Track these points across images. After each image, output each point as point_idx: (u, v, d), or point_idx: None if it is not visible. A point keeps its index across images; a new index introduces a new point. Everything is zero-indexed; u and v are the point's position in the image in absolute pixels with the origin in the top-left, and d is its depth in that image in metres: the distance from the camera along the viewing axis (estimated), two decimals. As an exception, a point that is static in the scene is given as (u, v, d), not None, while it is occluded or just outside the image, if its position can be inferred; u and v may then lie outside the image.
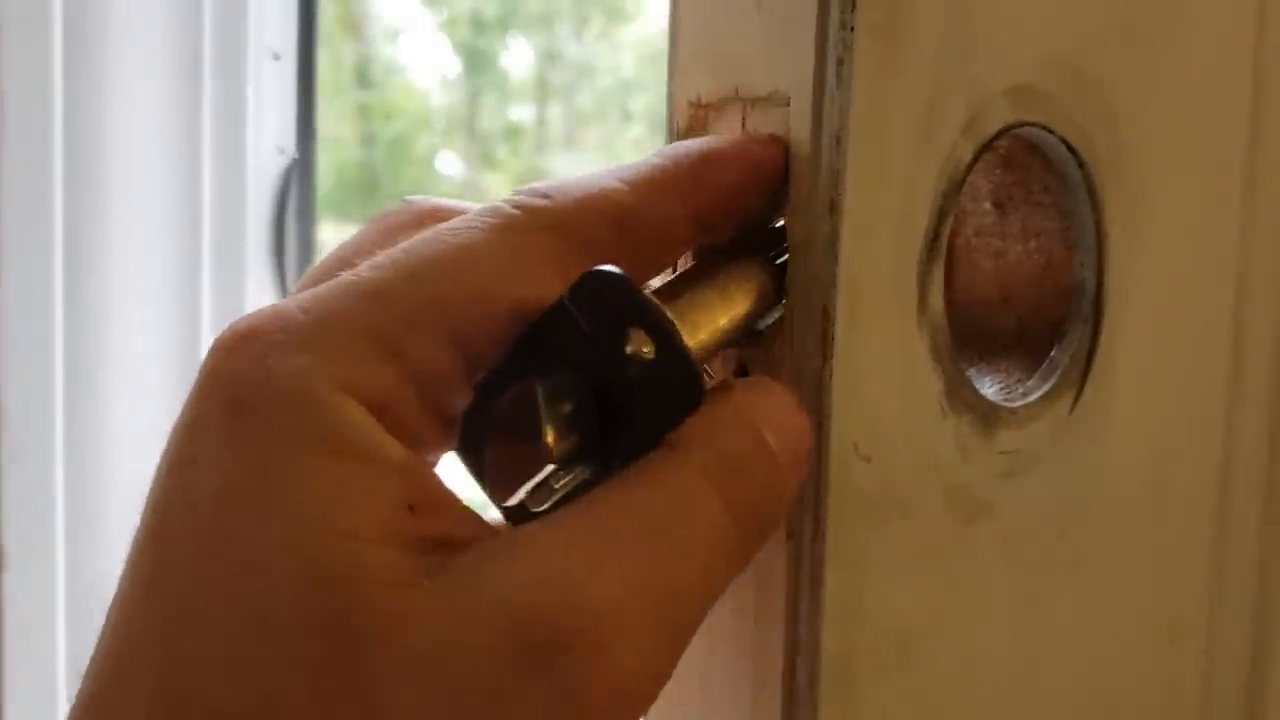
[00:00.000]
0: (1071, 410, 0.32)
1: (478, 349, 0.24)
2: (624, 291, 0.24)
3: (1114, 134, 0.32)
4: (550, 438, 0.24)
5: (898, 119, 0.27)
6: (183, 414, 0.24)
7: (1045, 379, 0.32)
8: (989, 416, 0.30)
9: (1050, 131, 0.30)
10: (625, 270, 0.24)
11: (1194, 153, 0.34)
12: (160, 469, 0.24)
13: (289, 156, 1.07)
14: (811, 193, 0.26)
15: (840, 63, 0.26)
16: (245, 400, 0.23)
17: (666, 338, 0.24)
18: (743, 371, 0.29)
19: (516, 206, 0.25)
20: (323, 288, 0.24)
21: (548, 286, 0.24)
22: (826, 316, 0.27)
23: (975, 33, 0.28)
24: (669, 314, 0.24)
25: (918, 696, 0.29)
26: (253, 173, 1.02)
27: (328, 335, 0.23)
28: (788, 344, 0.27)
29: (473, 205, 0.26)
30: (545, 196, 0.25)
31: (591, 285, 0.24)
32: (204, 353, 0.24)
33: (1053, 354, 0.32)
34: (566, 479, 0.24)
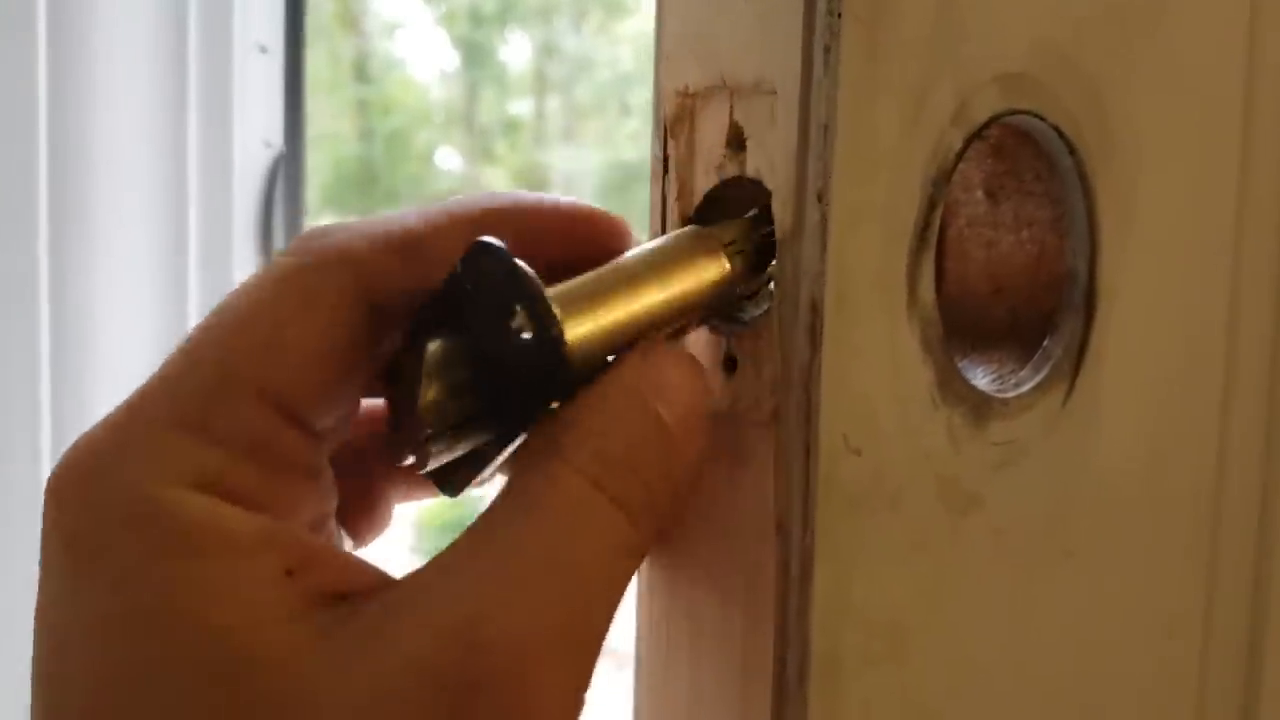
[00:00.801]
0: (1064, 401, 0.32)
1: (290, 395, 0.24)
2: (507, 269, 0.24)
3: (1105, 121, 0.31)
4: (423, 400, 0.24)
5: (886, 107, 0.27)
6: (40, 574, 0.24)
7: (1037, 370, 0.32)
8: (981, 408, 0.30)
9: (1041, 119, 0.30)
10: (402, 282, 0.25)
11: (1187, 140, 0.34)
12: (36, 630, 0.24)
13: (276, 151, 1.07)
14: (799, 183, 0.26)
15: (827, 50, 0.26)
16: (79, 535, 0.23)
17: (540, 320, 0.24)
18: (731, 362, 0.29)
19: (293, 253, 0.25)
20: (129, 399, 0.24)
21: (335, 320, 0.24)
22: (815, 308, 0.26)
23: (964, 19, 0.28)
24: (548, 297, 0.24)
25: (909, 690, 0.29)
26: (239, 167, 1.01)
27: (138, 440, 0.23)
28: (776, 335, 0.27)
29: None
30: (322, 235, 0.25)
31: (479, 257, 0.24)
32: None
33: (1045, 344, 0.32)
34: (454, 443, 0.24)
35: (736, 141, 0.28)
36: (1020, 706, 0.32)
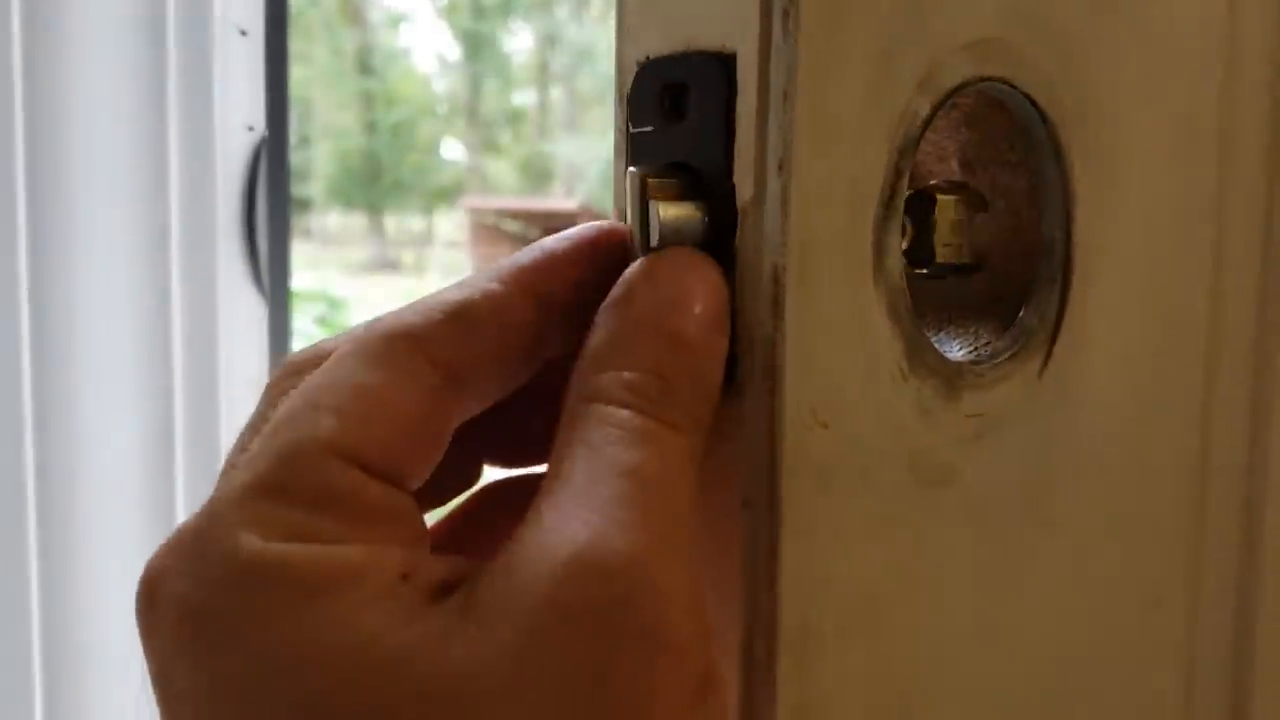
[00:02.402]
0: (1041, 372, 0.31)
1: (358, 450, 0.25)
2: None
3: (1080, 88, 0.31)
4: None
5: (848, 74, 0.26)
6: (146, 652, 0.25)
7: (1013, 341, 0.31)
8: (953, 379, 0.29)
9: (1013, 86, 0.30)
10: (475, 359, 0.27)
11: (1168, 105, 0.33)
12: (161, 709, 0.25)
13: (259, 134, 1.06)
14: (760, 152, 0.26)
15: (786, 15, 0.25)
16: (193, 609, 0.24)
17: None
18: None
19: (352, 338, 0.27)
20: (216, 485, 0.25)
21: (399, 380, 0.26)
22: (777, 279, 0.26)
23: (929, -16, 0.27)
24: None
25: (884, 666, 0.29)
26: (221, 150, 1.01)
27: (227, 511, 0.24)
28: (738, 307, 0.27)
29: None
30: (378, 321, 0.27)
31: None
32: (174, 332, 0.25)
33: (1021, 315, 0.31)
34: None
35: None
36: (1001, 680, 0.32)
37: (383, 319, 0.27)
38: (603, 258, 0.28)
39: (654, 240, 0.27)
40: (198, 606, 0.23)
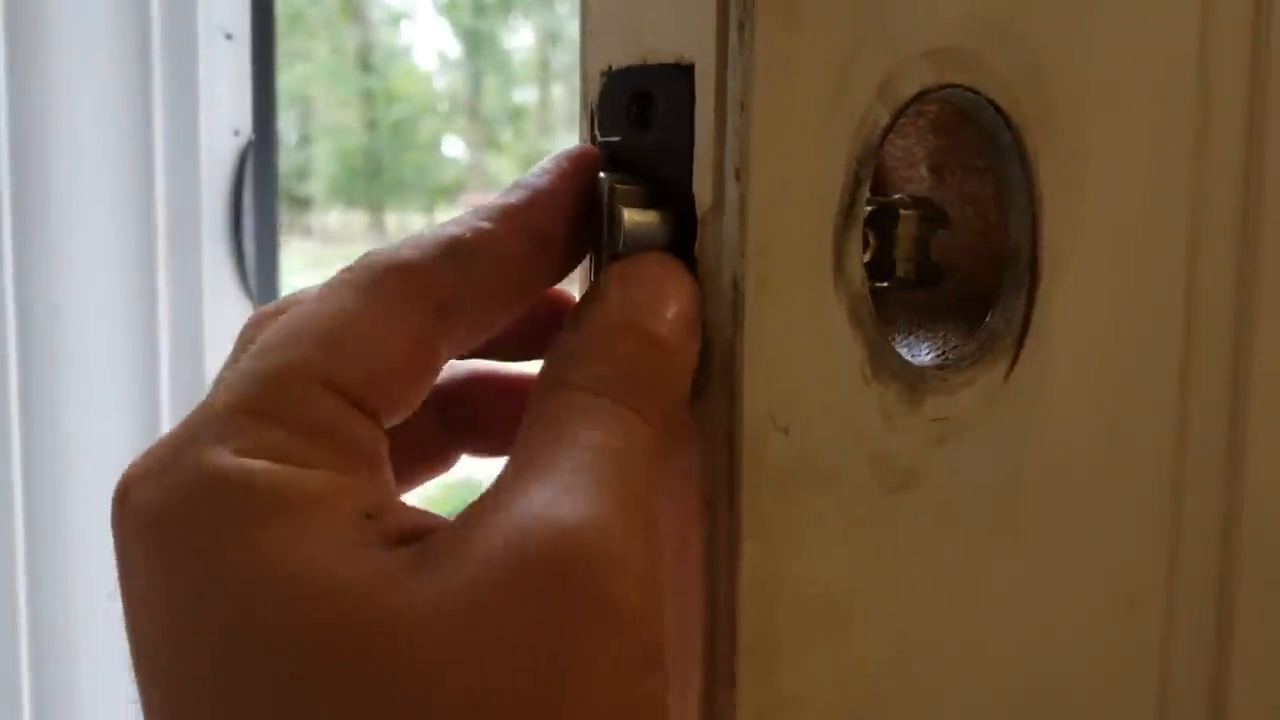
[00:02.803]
0: (1007, 376, 0.31)
1: (353, 384, 0.25)
2: None
3: (1045, 94, 0.31)
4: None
5: (806, 83, 0.26)
6: (117, 560, 0.25)
7: (978, 345, 0.31)
8: (917, 384, 0.30)
9: (976, 93, 0.30)
10: (469, 297, 0.27)
11: (1137, 111, 0.34)
12: (127, 629, 0.25)
13: (245, 138, 1.07)
14: (718, 159, 0.26)
15: (742, 26, 0.25)
16: (158, 517, 0.24)
17: None
18: None
19: (350, 269, 0.26)
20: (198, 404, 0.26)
21: (395, 319, 0.26)
22: (736, 285, 0.26)
23: (887, -6, 0.27)
24: None
25: (848, 670, 0.29)
26: (206, 155, 1.01)
27: (204, 425, 0.24)
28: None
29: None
30: (374, 253, 0.27)
31: None
32: (161, 335, 0.25)
33: (987, 320, 0.32)
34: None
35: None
36: (968, 683, 0.32)
37: (375, 253, 0.26)
38: (582, 183, 0.28)
39: (619, 245, 0.27)
40: (160, 513, 0.24)
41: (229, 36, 1.05)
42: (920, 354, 0.32)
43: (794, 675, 0.28)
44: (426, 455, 0.33)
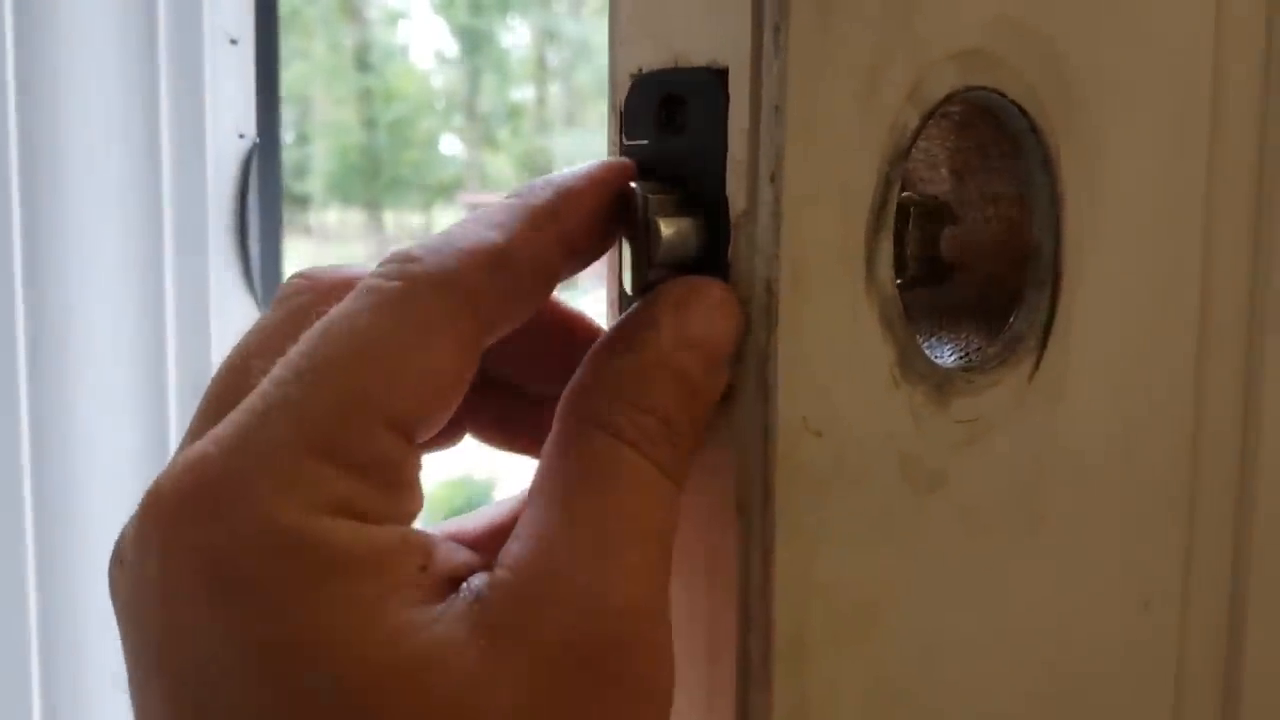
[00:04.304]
0: (1031, 377, 0.32)
1: (412, 419, 0.25)
2: None
3: (1068, 95, 0.31)
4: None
5: (838, 87, 0.26)
6: (154, 588, 0.24)
7: (1003, 346, 0.31)
8: (944, 385, 0.30)
9: (1001, 95, 0.30)
10: (508, 307, 0.26)
11: (1156, 111, 0.34)
12: (146, 650, 0.24)
13: (250, 141, 1.07)
14: (752, 164, 0.26)
15: (777, 30, 0.26)
16: (221, 564, 0.23)
17: None
18: None
19: (393, 277, 0.25)
20: (239, 420, 0.24)
21: (448, 345, 0.25)
22: (770, 289, 0.26)
23: (917, -2, 0.28)
24: None
25: (878, 670, 0.29)
26: (212, 158, 1.01)
27: (270, 465, 0.23)
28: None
29: (363, 270, 0.27)
30: (416, 260, 0.26)
31: None
32: (168, 337, 0.24)
33: (1011, 320, 0.32)
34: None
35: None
36: (994, 682, 0.32)
37: (414, 260, 0.26)
38: (613, 193, 0.28)
39: (657, 256, 0.27)
40: (226, 562, 0.23)
41: (233, 41, 1.05)
42: (943, 355, 0.32)
43: (825, 676, 0.28)
44: (439, 431, 0.33)
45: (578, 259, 0.28)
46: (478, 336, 0.26)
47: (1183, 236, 0.35)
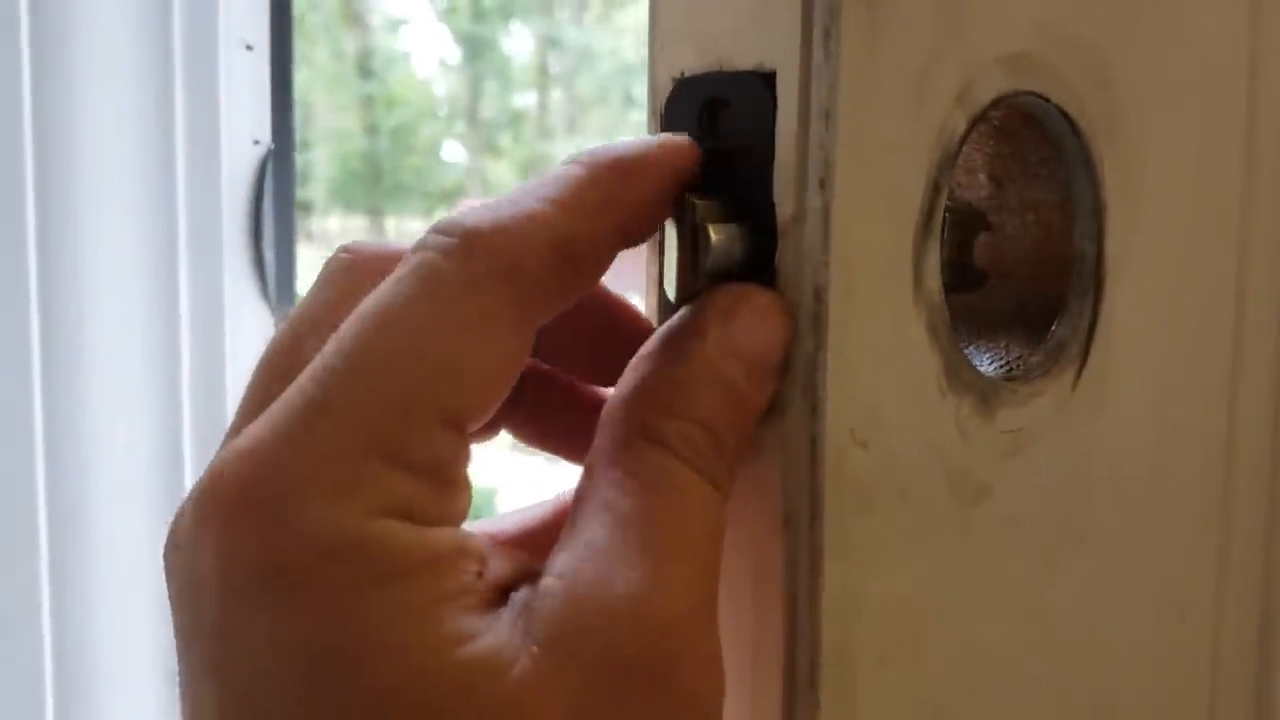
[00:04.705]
0: (1074, 386, 0.31)
1: (468, 417, 0.24)
2: None
3: (1110, 101, 0.31)
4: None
5: (888, 91, 0.26)
6: (210, 579, 0.23)
7: (1046, 354, 0.31)
8: (989, 396, 0.29)
9: (1045, 100, 0.30)
10: (565, 295, 0.26)
11: (1194, 117, 0.33)
12: (200, 639, 0.24)
13: (265, 148, 1.07)
14: (801, 169, 0.26)
15: (827, 34, 0.25)
16: (281, 565, 0.23)
17: None
18: None
19: (454, 257, 0.24)
20: (295, 410, 0.24)
21: (505, 335, 0.25)
22: (819, 297, 0.26)
23: (966, 0, 0.27)
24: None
25: (923, 683, 0.29)
26: (227, 165, 1.01)
27: (327, 465, 0.23)
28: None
29: (405, 246, 0.26)
30: (477, 235, 0.24)
31: None
32: (182, 343, 0.24)
33: (1054, 328, 0.31)
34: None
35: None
36: (1034, 696, 0.31)
37: (485, 233, 0.25)
38: (674, 180, 0.27)
39: (707, 265, 0.26)
40: (286, 564, 0.23)
41: (249, 48, 1.04)
42: (983, 364, 0.32)
43: (872, 690, 0.28)
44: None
45: (632, 244, 0.28)
46: (534, 323, 0.25)
47: (1219, 243, 0.35)
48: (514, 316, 0.25)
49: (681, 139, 0.27)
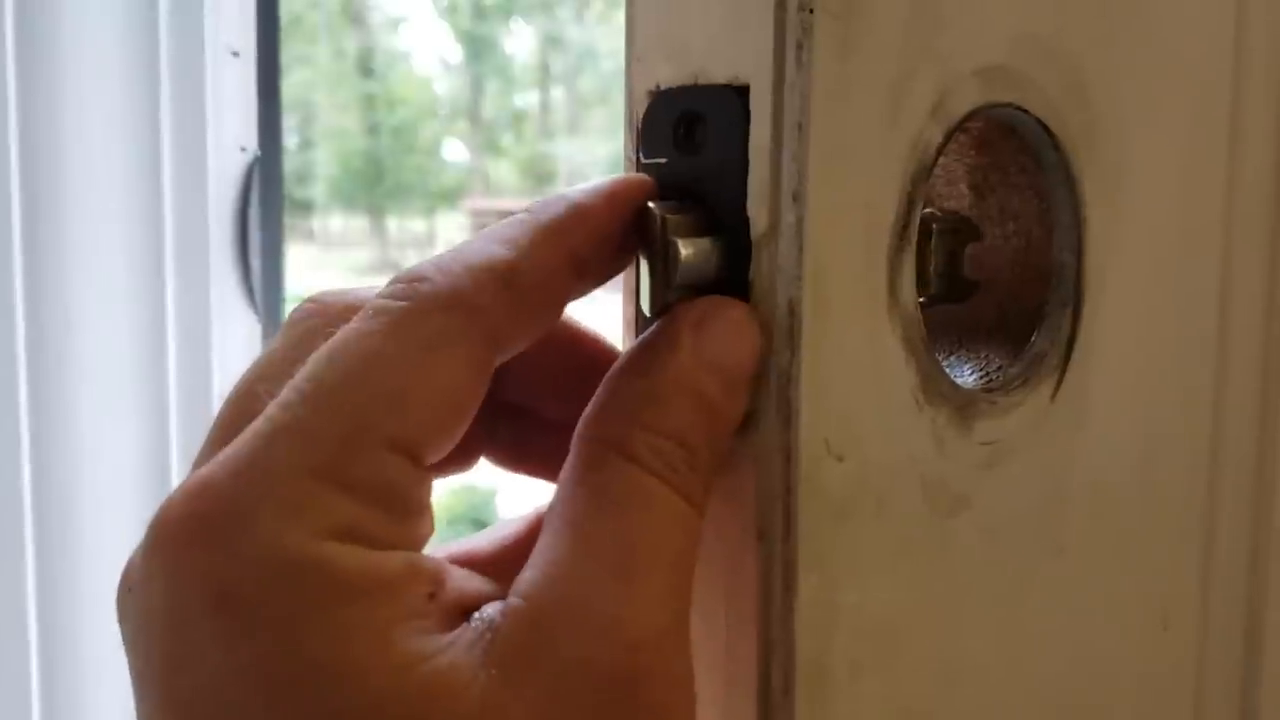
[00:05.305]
0: (1053, 398, 0.31)
1: (418, 443, 0.24)
2: None
3: (1090, 112, 0.31)
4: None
5: (862, 103, 0.26)
6: (159, 614, 0.24)
7: (1025, 366, 0.31)
8: (966, 408, 0.29)
9: (1023, 111, 0.30)
10: (517, 326, 0.26)
11: (1175, 128, 0.33)
12: (152, 678, 0.24)
13: (251, 154, 1.07)
14: (774, 183, 0.26)
15: (800, 47, 0.25)
16: (231, 592, 0.23)
17: None
18: None
19: (401, 297, 0.25)
20: (243, 444, 0.24)
21: (455, 365, 0.25)
22: (793, 310, 0.26)
23: (941, 11, 0.27)
24: None
25: (900, 697, 0.29)
26: (214, 171, 1.02)
27: (276, 489, 0.23)
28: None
29: (374, 293, 0.26)
30: (423, 279, 0.25)
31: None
32: (169, 349, 0.24)
33: (1033, 339, 0.31)
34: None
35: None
36: (1013, 707, 0.31)
37: (423, 279, 0.25)
38: (629, 212, 0.28)
39: (675, 278, 0.27)
40: (233, 588, 0.23)
41: (235, 54, 1.05)
42: (963, 375, 0.32)
43: (848, 704, 0.28)
44: (452, 455, 0.33)
45: (590, 277, 0.28)
46: (487, 356, 0.25)
47: (1202, 256, 0.35)
48: (461, 346, 0.25)
49: (637, 176, 0.28)
